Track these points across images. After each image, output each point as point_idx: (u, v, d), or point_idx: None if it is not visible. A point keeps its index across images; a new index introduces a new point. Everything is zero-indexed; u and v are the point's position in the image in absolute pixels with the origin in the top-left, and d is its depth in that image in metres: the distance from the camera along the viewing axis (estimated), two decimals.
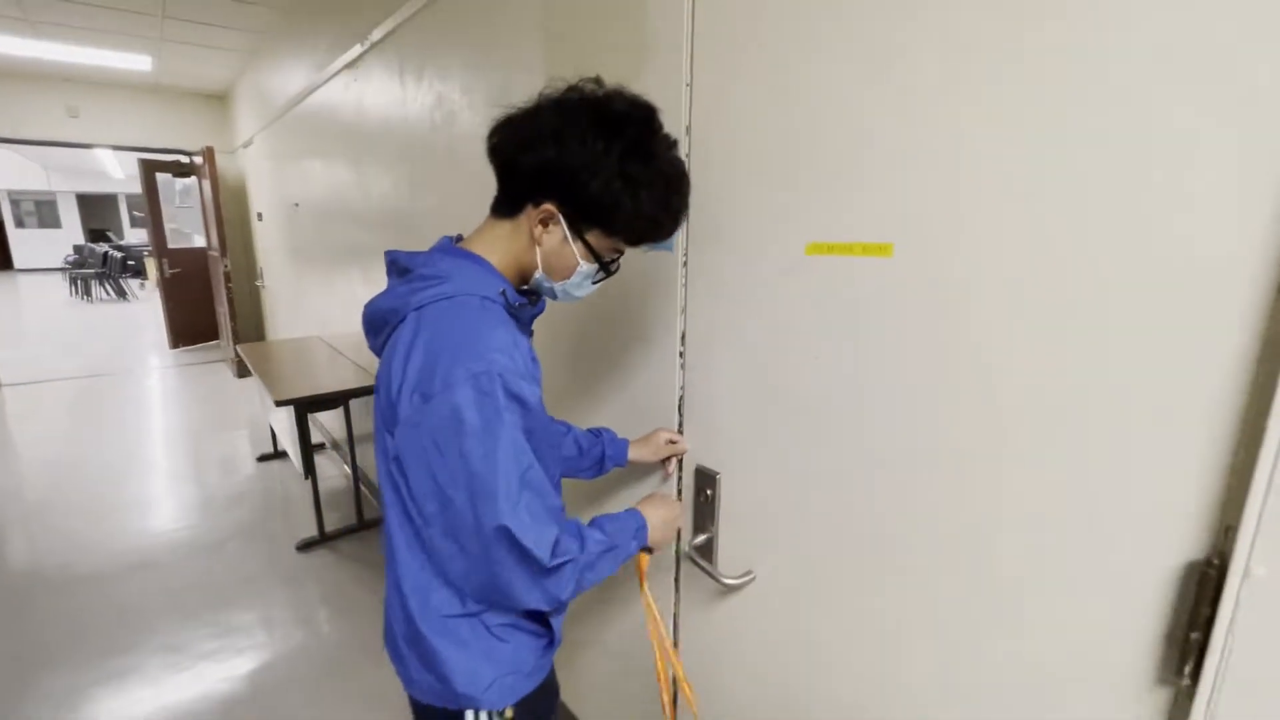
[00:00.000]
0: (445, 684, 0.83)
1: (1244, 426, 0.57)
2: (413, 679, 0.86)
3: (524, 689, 0.87)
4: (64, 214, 17.08)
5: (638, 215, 0.80)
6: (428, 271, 0.80)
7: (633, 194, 0.77)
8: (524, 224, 0.83)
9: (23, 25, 3.80)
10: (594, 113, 0.77)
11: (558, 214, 0.80)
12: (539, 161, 0.77)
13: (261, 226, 5.47)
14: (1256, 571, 0.57)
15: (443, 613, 0.82)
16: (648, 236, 0.84)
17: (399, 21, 2.09)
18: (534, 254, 0.83)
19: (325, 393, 2.77)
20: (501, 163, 0.82)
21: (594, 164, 0.75)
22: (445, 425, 0.72)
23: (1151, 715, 0.66)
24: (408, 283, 0.81)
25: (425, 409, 0.73)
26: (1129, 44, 0.59)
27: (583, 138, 0.75)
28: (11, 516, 3.16)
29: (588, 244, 0.82)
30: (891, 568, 0.88)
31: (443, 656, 0.82)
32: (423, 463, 0.75)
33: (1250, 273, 0.55)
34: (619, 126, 0.77)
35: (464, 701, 0.83)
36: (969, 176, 0.73)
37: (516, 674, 0.86)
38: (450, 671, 0.82)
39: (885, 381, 0.85)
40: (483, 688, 0.83)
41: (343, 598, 2.51)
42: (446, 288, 0.78)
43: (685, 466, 1.21)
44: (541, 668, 0.91)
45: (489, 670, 0.83)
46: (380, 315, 0.83)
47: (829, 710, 1.01)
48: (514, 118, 0.82)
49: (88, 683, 2.01)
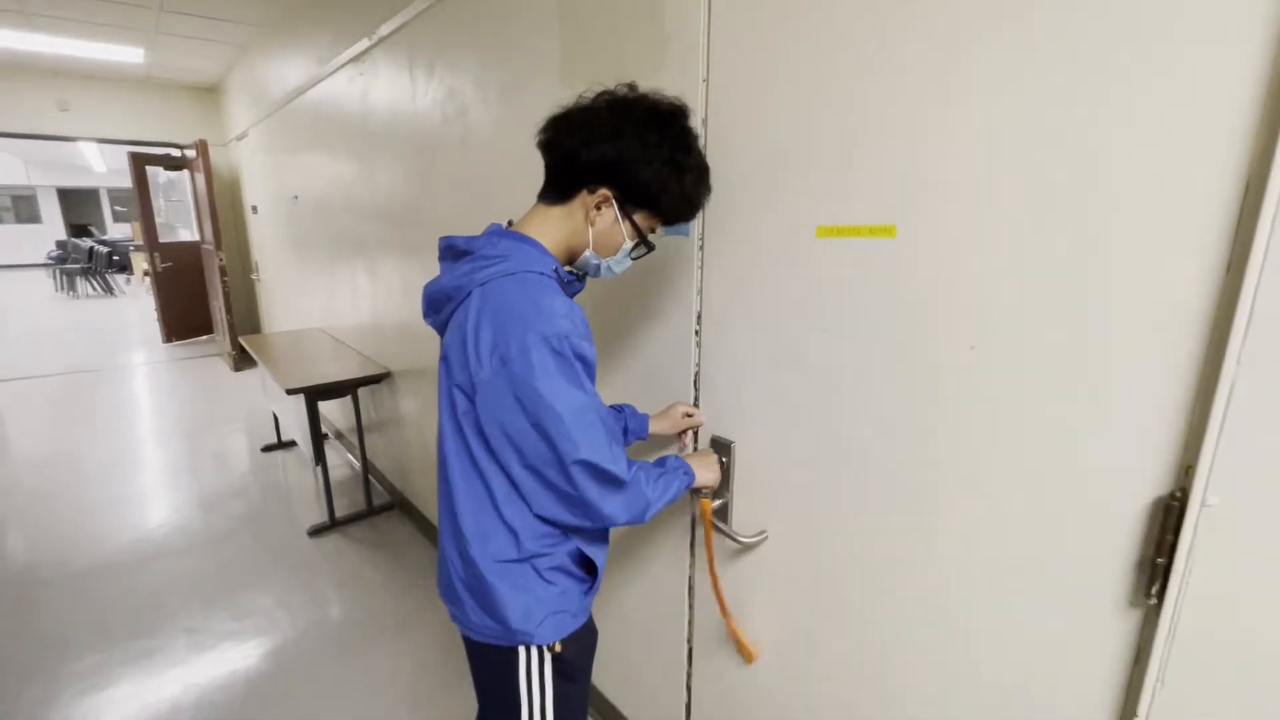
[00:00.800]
0: (502, 623, 0.92)
1: (1200, 382, 0.67)
2: (470, 621, 0.95)
3: (570, 627, 0.97)
4: (44, 208, 16.81)
5: (682, 197, 0.93)
6: (490, 252, 0.90)
7: (679, 179, 0.91)
8: (576, 208, 0.93)
9: (17, 17, 3.79)
10: (647, 111, 0.90)
11: (612, 198, 0.91)
12: (600, 154, 0.88)
13: (257, 220, 5.48)
14: (1211, 501, 0.67)
15: (499, 558, 0.92)
16: (684, 215, 0.98)
17: (410, 16, 2.14)
18: (586, 234, 0.94)
19: (334, 381, 2.83)
20: (561, 155, 0.92)
21: (648, 154, 0.88)
22: (525, 381, 0.82)
23: (1124, 633, 0.76)
24: (470, 262, 0.90)
25: (504, 370, 0.83)
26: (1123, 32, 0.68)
27: (639, 132, 0.88)
28: (25, 510, 3.19)
29: (634, 224, 0.94)
30: (896, 515, 0.98)
31: (501, 597, 0.92)
32: (505, 418, 0.85)
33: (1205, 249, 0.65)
34: (667, 122, 0.91)
35: (519, 637, 0.93)
36: (967, 161, 0.82)
37: (563, 613, 0.96)
38: (507, 611, 0.92)
39: (890, 352, 0.94)
40: (535, 624, 0.93)
41: (356, 579, 2.59)
42: (509, 265, 0.88)
43: (701, 437, 1.30)
44: (584, 609, 1.01)
45: (540, 609, 0.93)
46: (444, 294, 0.92)
47: (840, 646, 1.11)
48: (569, 116, 0.93)
49: (115, 662, 2.08)
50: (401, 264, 2.67)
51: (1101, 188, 0.71)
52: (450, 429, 0.93)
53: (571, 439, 0.83)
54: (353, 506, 3.17)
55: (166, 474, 3.63)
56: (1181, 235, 0.66)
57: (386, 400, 3.15)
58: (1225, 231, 0.63)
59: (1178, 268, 0.67)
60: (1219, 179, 0.63)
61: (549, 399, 0.82)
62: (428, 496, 2.91)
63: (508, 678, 0.97)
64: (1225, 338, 0.64)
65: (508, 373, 0.83)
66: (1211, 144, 0.63)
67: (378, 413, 3.31)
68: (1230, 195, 0.63)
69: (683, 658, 1.46)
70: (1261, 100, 0.60)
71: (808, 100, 0.99)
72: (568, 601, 0.97)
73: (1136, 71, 0.67)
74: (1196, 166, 0.64)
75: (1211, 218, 0.64)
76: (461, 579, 0.95)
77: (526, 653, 0.95)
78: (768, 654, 1.25)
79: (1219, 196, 0.63)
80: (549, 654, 0.96)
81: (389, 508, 3.20)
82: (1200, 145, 0.64)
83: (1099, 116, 0.70)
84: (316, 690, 1.98)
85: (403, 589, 2.51)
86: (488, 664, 1.00)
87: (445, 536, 0.99)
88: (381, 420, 3.28)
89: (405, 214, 2.54)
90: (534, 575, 0.93)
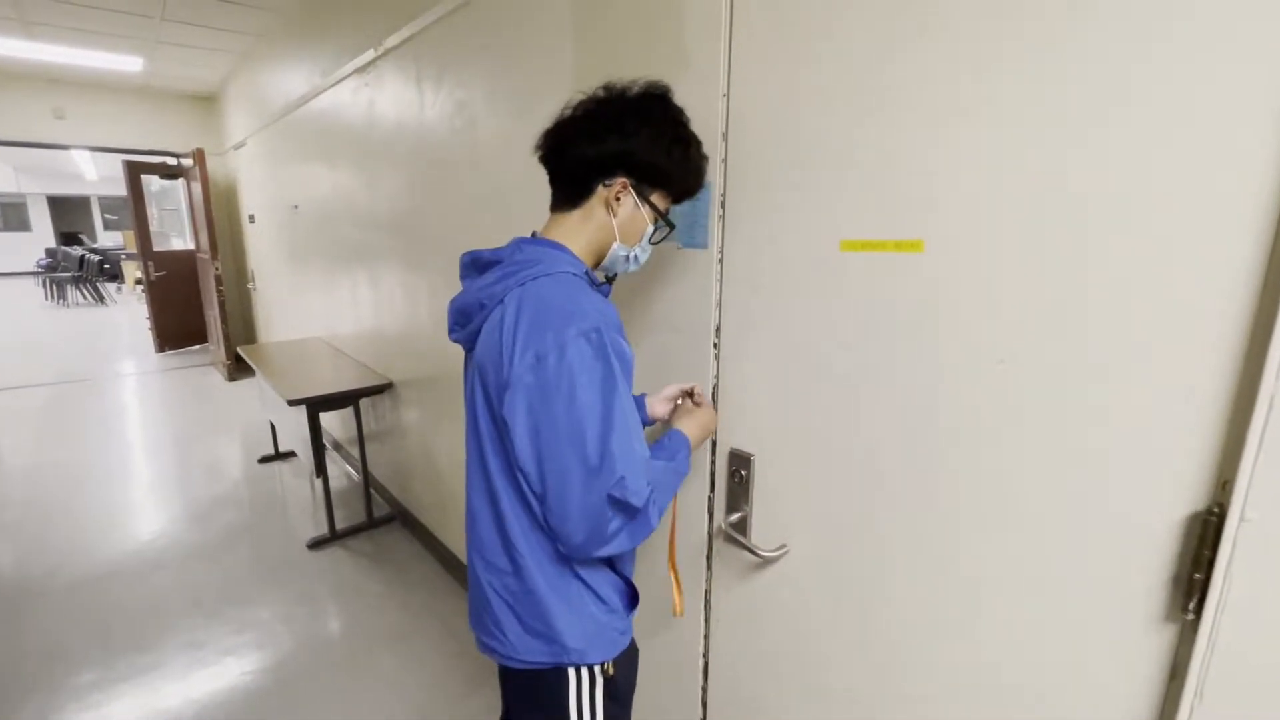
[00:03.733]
0: (554, 642, 0.90)
1: (1238, 396, 0.67)
2: (513, 648, 0.92)
3: (621, 645, 0.96)
4: (34, 217, 16.67)
5: (690, 167, 0.98)
6: (521, 258, 0.90)
7: (684, 152, 0.96)
8: (595, 205, 0.95)
9: (15, 25, 3.77)
10: (640, 98, 0.94)
11: (629, 184, 0.93)
12: (610, 146, 0.91)
13: (254, 229, 5.45)
14: (1250, 516, 0.67)
15: (551, 573, 0.89)
16: (693, 187, 1.02)
17: (418, 28, 2.15)
18: (611, 227, 0.95)
19: (337, 392, 2.81)
20: (571, 159, 0.94)
21: (654, 134, 0.92)
22: (560, 379, 0.80)
23: (1160, 649, 0.76)
24: (500, 270, 0.90)
25: (539, 367, 0.81)
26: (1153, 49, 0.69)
27: (642, 118, 0.92)
28: (21, 520, 3.13)
29: (652, 205, 0.96)
30: (921, 532, 0.98)
31: (554, 614, 0.89)
32: (533, 419, 0.82)
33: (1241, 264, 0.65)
34: (663, 105, 0.96)
35: (572, 657, 0.90)
36: (993, 174, 0.82)
37: (614, 631, 0.94)
38: (562, 629, 0.89)
39: (915, 367, 0.94)
40: (590, 643, 0.91)
41: (356, 592, 2.55)
42: (544, 267, 0.88)
43: (719, 449, 1.30)
44: (630, 626, 1.00)
45: (593, 628, 0.91)
46: (474, 305, 0.92)
47: (859, 670, 1.10)
48: (567, 123, 0.95)
49: (116, 678, 2.04)
50: (404, 274, 2.66)
51: (1132, 201, 0.71)
52: (491, 443, 0.90)
53: (608, 449, 0.79)
54: (352, 519, 3.14)
55: (161, 485, 3.58)
56: (1217, 246, 0.67)
57: (388, 411, 3.13)
58: (1264, 242, 0.64)
59: (1214, 279, 0.67)
60: (1257, 188, 0.64)
61: (581, 401, 0.79)
62: (430, 509, 2.88)
63: (556, 704, 0.93)
64: (1264, 351, 0.64)
65: (541, 369, 0.81)
66: (1250, 151, 0.64)
67: (379, 423, 3.29)
68: (1269, 204, 0.64)
69: (698, 672, 1.45)
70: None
71: (830, 115, 0.99)
72: (616, 619, 0.95)
73: (1164, 75, 0.68)
74: (1234, 176, 0.65)
75: (1249, 228, 0.65)
76: (505, 600, 0.92)
77: (577, 675, 0.92)
78: (786, 670, 1.24)
79: (1257, 206, 0.64)
80: (601, 676, 0.93)
81: (389, 520, 3.17)
82: (1238, 153, 0.65)
83: (1129, 121, 0.70)
84: (318, 705, 1.95)
85: (404, 602, 2.48)
86: (533, 691, 0.95)
87: (478, 555, 0.95)
88: (382, 431, 3.26)
89: (409, 225, 2.53)
90: (587, 591, 0.91)
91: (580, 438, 0.80)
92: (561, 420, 0.80)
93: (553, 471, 0.82)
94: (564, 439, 0.80)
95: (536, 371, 0.81)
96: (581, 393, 0.80)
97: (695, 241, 1.24)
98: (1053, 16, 0.75)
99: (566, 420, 0.80)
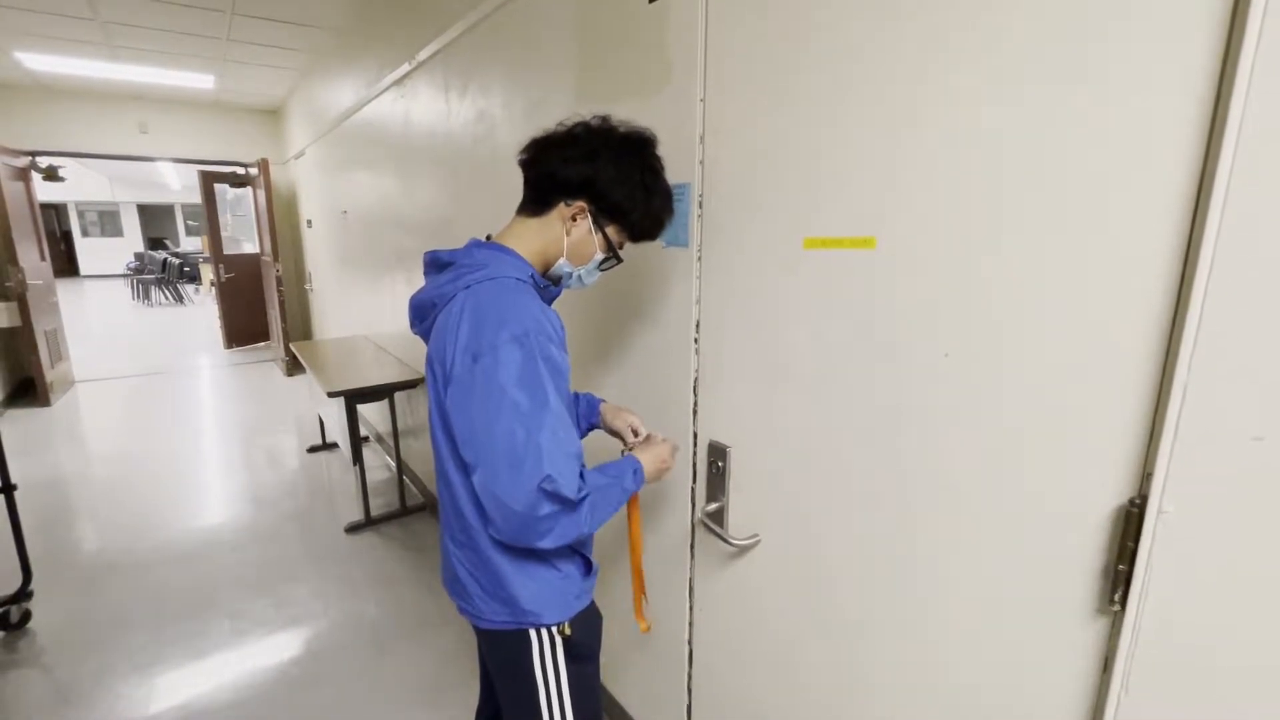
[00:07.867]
0: (512, 605, 0.98)
1: (1159, 388, 0.68)
2: (479, 609, 1.01)
3: (576, 608, 1.03)
4: (125, 223, 18.12)
5: (648, 215, 1.01)
6: (469, 261, 0.98)
7: (646, 200, 0.99)
8: (554, 219, 1.01)
9: (103, 50, 4.15)
10: (623, 138, 1.00)
11: (587, 211, 0.99)
12: (578, 171, 0.97)
13: (311, 233, 5.79)
14: (1167, 508, 0.68)
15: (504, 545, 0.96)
16: (649, 234, 1.06)
17: (445, 42, 2.28)
18: (562, 243, 1.01)
19: (371, 385, 2.98)
20: (541, 172, 1.01)
21: (621, 175, 0.98)
22: (492, 378, 0.86)
23: (1093, 641, 0.77)
24: (452, 272, 0.98)
25: (474, 367, 0.88)
26: (1075, 49, 0.71)
27: (615, 156, 0.97)
28: (89, 502, 3.46)
29: (606, 236, 1.02)
30: (877, 521, 1.00)
31: (510, 580, 0.97)
32: (468, 414, 0.89)
33: (1160, 260, 0.66)
34: (639, 149, 1.00)
35: (530, 618, 0.99)
36: (938, 175, 0.84)
37: (568, 595, 1.02)
38: (516, 593, 0.98)
39: (871, 360, 0.97)
40: (544, 606, 0.99)
41: (387, 575, 2.70)
42: (489, 271, 0.95)
43: (699, 441, 1.34)
44: (587, 590, 1.07)
45: (548, 591, 0.99)
46: (428, 302, 1.01)
47: (826, 651, 1.12)
48: (551, 139, 1.02)
49: (166, 640, 2.24)
50: None
51: (1060, 202, 0.73)
52: (442, 430, 0.98)
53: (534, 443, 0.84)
54: (387, 506, 3.31)
55: (221, 473, 3.86)
56: (1138, 244, 0.68)
57: (421, 405, 3.29)
58: (1178, 241, 0.65)
59: (1135, 276, 0.68)
60: (1170, 191, 0.65)
61: (510, 398, 0.85)
62: None
63: (521, 662, 1.01)
64: (1178, 346, 0.65)
65: (476, 369, 0.87)
66: (1163, 155, 0.65)
67: (413, 417, 3.46)
68: (1182, 206, 0.64)
69: (684, 659, 1.49)
70: (1211, 106, 0.62)
71: (793, 118, 1.03)
72: (571, 584, 1.02)
73: (1092, 88, 0.69)
74: (1150, 178, 0.66)
75: (1167, 227, 0.66)
76: (468, 568, 1.01)
77: (538, 635, 1.00)
78: (760, 656, 1.27)
79: (1172, 207, 0.65)
80: (559, 636, 1.01)
81: (420, 509, 3.33)
82: (1152, 157, 0.66)
83: (1058, 135, 0.72)
84: (346, 676, 2.09)
85: (430, 586, 2.61)
86: (500, 650, 1.04)
87: (446, 531, 1.05)
88: (416, 424, 3.42)
89: (440, 227, 2.67)
90: (539, 560, 0.99)
91: (509, 434, 0.85)
92: (492, 416, 0.86)
93: (485, 463, 0.87)
94: (496, 434, 0.85)
95: (472, 370, 0.88)
96: (511, 391, 0.85)
97: (677, 240, 1.29)
98: (976, 49, 0.77)
99: (496, 416, 0.85)
